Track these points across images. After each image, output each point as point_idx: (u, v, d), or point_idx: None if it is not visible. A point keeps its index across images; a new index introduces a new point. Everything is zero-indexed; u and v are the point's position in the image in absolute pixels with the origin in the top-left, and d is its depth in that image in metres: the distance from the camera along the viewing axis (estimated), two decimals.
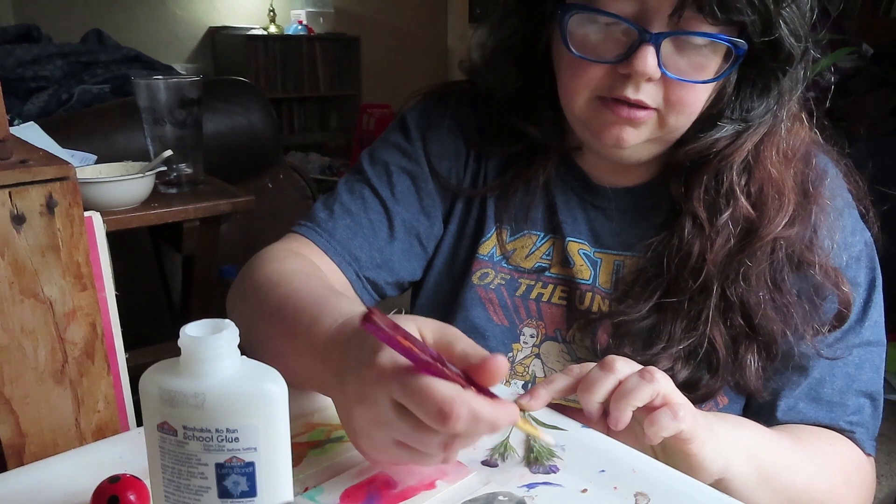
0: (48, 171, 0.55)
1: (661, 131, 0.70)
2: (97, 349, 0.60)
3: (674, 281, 0.73)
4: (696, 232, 0.72)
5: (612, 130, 0.69)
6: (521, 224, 0.82)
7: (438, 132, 0.83)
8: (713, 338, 0.71)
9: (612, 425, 0.58)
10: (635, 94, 0.66)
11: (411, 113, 0.85)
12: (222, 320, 0.44)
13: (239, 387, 0.43)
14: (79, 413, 0.61)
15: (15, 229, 0.55)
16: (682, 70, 0.66)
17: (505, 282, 0.81)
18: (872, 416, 0.75)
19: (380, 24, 5.38)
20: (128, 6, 4.41)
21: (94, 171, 1.42)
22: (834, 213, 0.74)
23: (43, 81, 2.07)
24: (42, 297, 0.57)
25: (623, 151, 0.72)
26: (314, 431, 0.61)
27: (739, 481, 0.61)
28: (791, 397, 0.74)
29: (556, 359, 0.78)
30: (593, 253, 0.79)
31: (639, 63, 0.64)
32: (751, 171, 0.72)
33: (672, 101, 0.67)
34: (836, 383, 0.74)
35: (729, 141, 0.71)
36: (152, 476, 0.45)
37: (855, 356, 0.74)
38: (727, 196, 0.72)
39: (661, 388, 0.57)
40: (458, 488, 0.54)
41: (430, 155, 0.83)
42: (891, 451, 1.97)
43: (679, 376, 0.71)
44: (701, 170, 0.73)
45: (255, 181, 1.99)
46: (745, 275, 0.71)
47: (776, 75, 0.69)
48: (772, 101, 0.70)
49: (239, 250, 2.00)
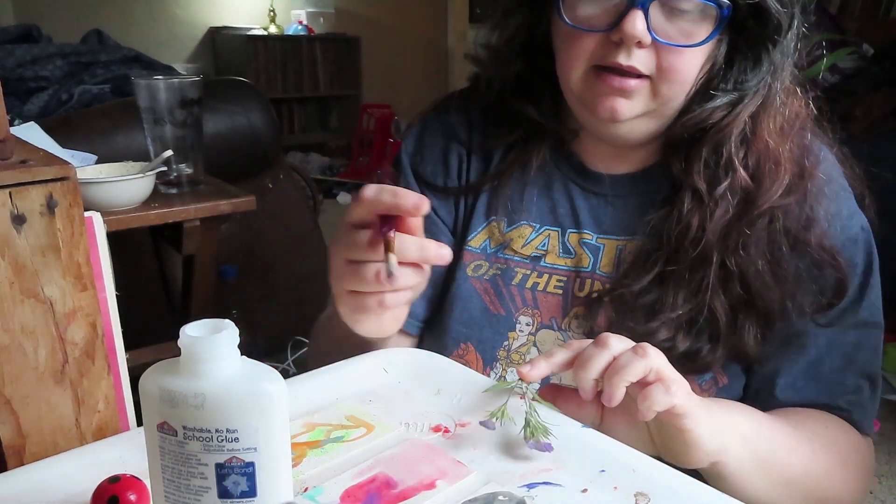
0: (48, 172, 0.55)
1: (654, 102, 0.72)
2: (97, 349, 0.60)
3: (674, 252, 0.74)
4: (696, 204, 0.74)
5: (606, 102, 0.71)
6: (516, 215, 0.83)
7: (431, 150, 0.87)
8: (713, 307, 0.72)
9: (605, 401, 0.58)
10: (627, 60, 0.68)
11: (405, 142, 0.89)
12: (222, 320, 0.44)
13: (239, 387, 0.43)
14: (79, 413, 0.61)
15: (15, 229, 0.55)
16: (672, 36, 0.68)
17: (500, 272, 0.82)
18: (871, 397, 0.76)
19: (380, 24, 5.38)
20: (128, 6, 4.42)
21: (95, 171, 1.42)
22: (831, 195, 0.75)
23: (43, 81, 2.07)
24: (42, 297, 0.57)
25: (619, 127, 0.74)
26: (314, 431, 0.61)
27: (735, 465, 0.62)
28: (790, 375, 0.75)
29: (552, 346, 0.79)
30: (596, 239, 0.81)
31: (628, 26, 0.66)
32: (748, 144, 0.74)
33: (664, 67, 0.69)
34: (835, 363, 0.75)
35: (725, 112, 0.73)
36: (152, 476, 0.45)
37: (852, 337, 0.75)
38: (726, 167, 0.74)
39: (654, 364, 0.57)
40: (458, 488, 0.54)
41: (423, 176, 0.87)
42: (891, 452, 1.97)
43: (679, 346, 0.72)
44: (700, 143, 0.74)
45: (255, 181, 1.99)
46: (745, 244, 0.72)
47: (766, 46, 0.71)
48: (764, 72, 0.72)
49: (239, 250, 2.01)
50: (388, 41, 5.44)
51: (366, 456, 0.58)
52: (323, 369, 0.72)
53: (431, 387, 0.69)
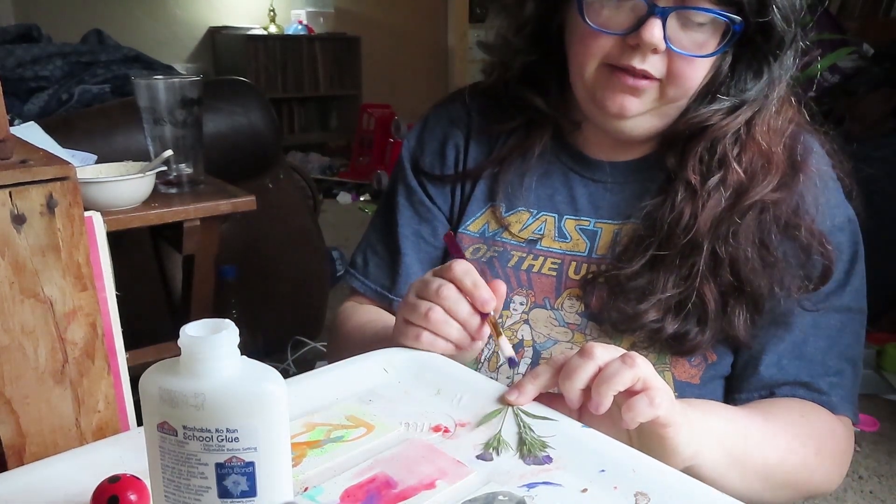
0: (48, 171, 0.55)
1: (659, 102, 0.76)
2: (97, 349, 0.60)
3: (666, 239, 0.77)
4: (689, 195, 0.78)
5: (616, 98, 0.76)
6: (514, 200, 0.87)
7: (430, 143, 0.93)
8: (702, 292, 0.75)
9: (592, 409, 0.59)
10: (641, 63, 0.73)
11: (408, 137, 0.96)
12: (222, 320, 0.44)
13: (239, 387, 0.43)
14: (79, 413, 0.61)
15: (15, 229, 0.55)
16: (685, 45, 0.73)
17: (497, 254, 0.86)
18: (852, 381, 0.79)
19: (380, 24, 5.38)
20: (128, 6, 4.42)
21: (95, 171, 1.41)
22: (820, 184, 0.79)
23: (43, 81, 2.06)
24: (42, 297, 0.57)
25: (625, 123, 0.78)
26: (314, 431, 0.61)
27: (709, 467, 0.64)
28: (775, 353, 0.78)
29: (545, 324, 0.82)
30: (594, 224, 0.84)
31: (646, 33, 0.70)
32: (742, 144, 0.78)
33: (673, 73, 0.74)
34: (819, 343, 0.78)
35: (724, 115, 0.77)
36: (152, 476, 0.45)
37: (836, 320, 0.79)
38: (720, 163, 0.78)
39: (641, 373, 0.59)
40: (458, 488, 0.54)
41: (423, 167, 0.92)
42: (891, 452, 1.97)
43: (668, 328, 0.75)
44: (696, 140, 0.78)
45: (255, 181, 1.98)
46: (735, 233, 0.76)
47: (768, 60, 0.76)
48: (764, 83, 0.77)
49: (239, 250, 2.00)
50: (388, 41, 5.44)
51: (366, 456, 0.58)
52: (323, 369, 0.72)
53: (431, 387, 0.69)
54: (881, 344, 2.34)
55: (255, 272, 2.05)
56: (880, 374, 2.30)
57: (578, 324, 0.80)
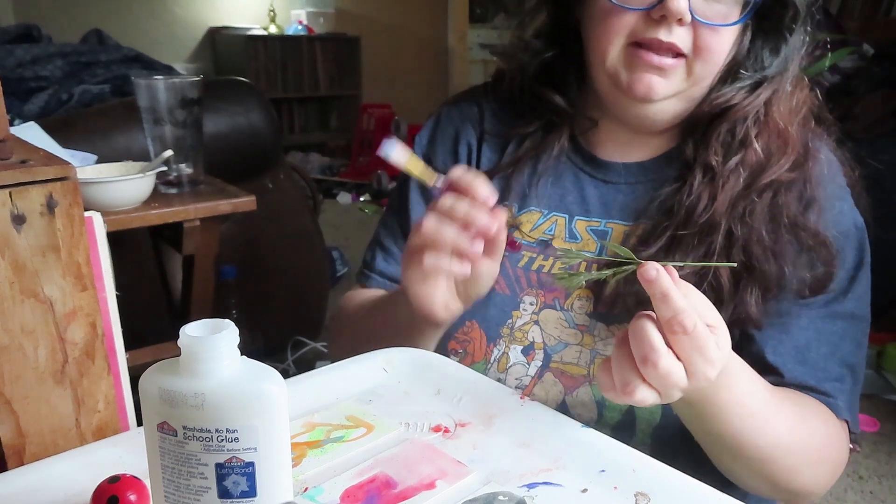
0: (48, 171, 0.55)
1: (687, 82, 0.76)
2: (97, 349, 0.60)
3: (683, 223, 0.78)
4: (708, 179, 0.78)
5: (643, 79, 0.75)
6: (526, 200, 0.87)
7: (443, 141, 0.93)
8: (718, 272, 0.75)
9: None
10: (668, 36, 0.73)
11: (420, 135, 0.96)
12: (222, 320, 0.44)
13: (239, 387, 0.43)
14: (79, 413, 0.61)
15: (15, 229, 0.55)
16: (709, 16, 0.73)
17: (508, 254, 0.85)
18: (852, 387, 0.79)
19: (380, 24, 5.38)
20: (128, 6, 4.41)
21: (95, 171, 1.41)
22: (830, 192, 0.79)
23: (43, 81, 2.06)
24: (42, 297, 0.57)
25: (650, 107, 0.78)
26: (314, 431, 0.61)
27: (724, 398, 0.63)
28: (779, 356, 0.77)
29: (554, 325, 0.82)
30: (604, 224, 0.84)
31: (672, 3, 0.71)
32: (760, 124, 0.79)
33: (699, 46, 0.74)
34: (822, 349, 0.78)
35: (746, 94, 0.78)
36: (152, 476, 0.45)
37: (838, 327, 0.78)
38: (741, 143, 0.78)
39: None
40: (458, 488, 0.54)
41: (435, 166, 0.90)
42: (891, 452, 1.97)
43: None
44: (719, 121, 0.79)
45: (255, 181, 1.98)
46: (751, 212, 0.76)
47: (784, 35, 0.77)
48: (781, 60, 0.78)
49: (239, 250, 2.00)
50: (388, 41, 5.44)
51: (366, 456, 0.58)
52: (323, 369, 0.72)
53: (431, 387, 0.69)
54: (881, 344, 2.34)
55: (254, 272, 2.05)
56: (880, 374, 2.30)
57: (587, 325, 0.80)
